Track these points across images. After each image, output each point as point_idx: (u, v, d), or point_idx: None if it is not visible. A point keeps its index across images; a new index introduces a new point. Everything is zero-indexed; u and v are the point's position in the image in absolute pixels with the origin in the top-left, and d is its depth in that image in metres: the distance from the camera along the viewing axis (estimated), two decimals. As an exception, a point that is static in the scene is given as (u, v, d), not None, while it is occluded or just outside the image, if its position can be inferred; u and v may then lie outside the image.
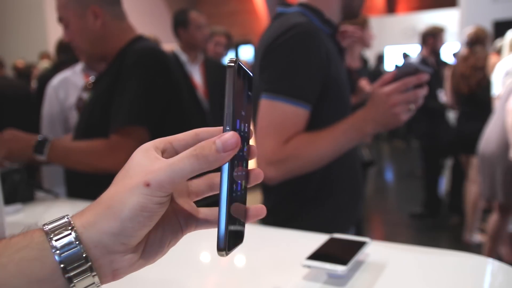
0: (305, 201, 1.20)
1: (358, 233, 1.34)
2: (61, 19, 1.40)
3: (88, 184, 1.30)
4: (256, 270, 0.82)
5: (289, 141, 1.05)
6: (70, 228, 0.35)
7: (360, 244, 0.77)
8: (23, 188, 1.31)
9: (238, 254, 0.92)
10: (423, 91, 0.99)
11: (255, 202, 0.52)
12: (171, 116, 1.34)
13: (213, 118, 2.29)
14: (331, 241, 0.81)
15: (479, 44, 3.29)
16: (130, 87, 1.28)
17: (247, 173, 0.40)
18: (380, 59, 8.58)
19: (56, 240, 0.34)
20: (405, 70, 0.99)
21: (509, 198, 2.60)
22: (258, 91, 1.14)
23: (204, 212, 0.43)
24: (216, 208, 0.43)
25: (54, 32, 6.31)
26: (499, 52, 3.24)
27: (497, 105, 2.76)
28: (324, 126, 1.10)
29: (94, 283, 0.35)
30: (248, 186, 0.40)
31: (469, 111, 3.39)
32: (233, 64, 0.37)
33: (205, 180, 0.44)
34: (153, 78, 1.31)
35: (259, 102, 1.11)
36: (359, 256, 0.74)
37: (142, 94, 1.29)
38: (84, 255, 0.34)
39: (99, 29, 1.36)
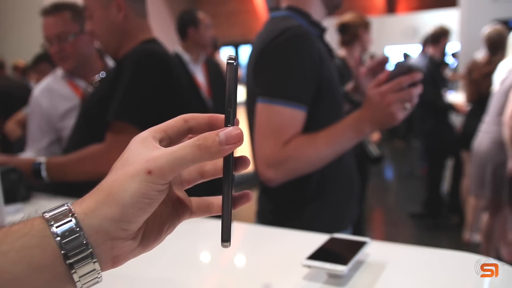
0: (304, 201, 1.21)
1: (357, 232, 1.34)
2: (85, 9, 1.43)
3: (85, 183, 1.31)
4: (256, 270, 0.82)
5: (288, 143, 1.06)
6: (70, 215, 0.35)
7: (360, 244, 0.77)
8: (20, 188, 1.31)
9: (238, 254, 0.92)
10: (418, 90, 1.00)
11: (254, 201, 0.52)
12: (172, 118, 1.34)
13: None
14: (331, 241, 0.81)
15: (500, 49, 3.16)
16: (125, 85, 1.29)
17: (235, 160, 0.41)
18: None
19: (56, 227, 0.34)
20: (399, 70, 1.01)
21: (496, 195, 2.63)
22: (252, 95, 1.15)
23: (196, 201, 0.44)
24: (206, 198, 0.44)
25: (54, 32, 6.25)
26: None
27: (492, 101, 2.76)
28: (318, 126, 1.11)
29: (94, 269, 0.36)
30: (236, 173, 0.41)
31: (478, 107, 3.36)
32: (233, 62, 0.37)
33: (197, 168, 0.44)
34: (151, 78, 1.32)
35: (255, 106, 1.12)
36: (359, 256, 0.74)
37: (136, 92, 1.29)
38: (84, 242, 0.34)
39: (120, 22, 1.39)
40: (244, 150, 0.43)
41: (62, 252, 0.34)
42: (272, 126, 1.07)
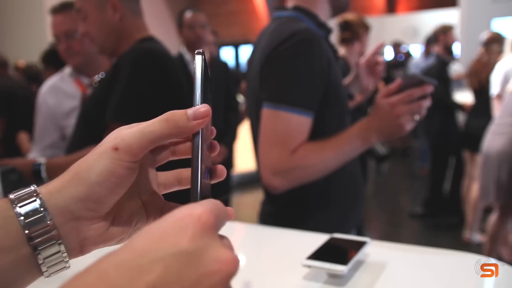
0: (308, 206, 1.20)
1: (357, 232, 1.34)
2: (78, 11, 1.41)
3: None
4: (256, 270, 0.82)
5: (296, 152, 1.05)
6: (35, 195, 0.34)
7: (360, 244, 0.77)
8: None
9: (238, 254, 0.92)
10: (427, 102, 1.00)
11: (255, 201, 0.52)
12: None
13: (213, 119, 2.29)
14: (331, 241, 0.81)
15: (496, 42, 3.31)
16: (122, 86, 1.28)
17: (211, 169, 0.41)
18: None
19: (20, 207, 0.34)
20: (410, 81, 1.00)
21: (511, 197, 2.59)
22: (257, 99, 1.14)
23: (171, 205, 0.43)
24: (183, 206, 0.42)
25: (54, 32, 6.27)
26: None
27: (505, 102, 2.72)
28: (325, 131, 1.10)
29: (59, 251, 0.35)
30: (212, 182, 0.40)
31: (479, 107, 3.39)
32: (201, 52, 0.38)
33: (174, 174, 0.44)
34: (147, 78, 1.31)
35: (259, 109, 1.10)
36: (359, 256, 0.74)
37: (133, 93, 1.28)
38: (49, 222, 0.34)
39: (117, 22, 1.38)
40: (246, 151, 0.42)
41: (26, 232, 0.33)
42: (278, 134, 1.06)
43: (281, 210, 1.22)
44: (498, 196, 2.62)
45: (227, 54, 10.59)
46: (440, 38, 3.91)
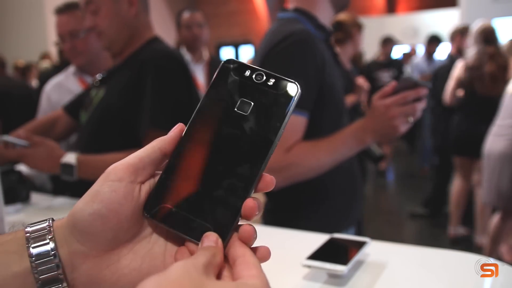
0: (305, 203, 1.21)
1: (358, 233, 1.34)
2: (89, 3, 1.35)
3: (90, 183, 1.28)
4: (256, 270, 0.82)
5: (291, 150, 1.06)
6: (50, 237, 0.35)
7: (360, 244, 0.77)
8: (20, 188, 1.31)
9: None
10: (422, 105, 1.01)
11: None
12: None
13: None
14: (331, 241, 0.81)
15: (490, 44, 3.01)
16: (153, 91, 1.26)
17: None
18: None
19: (33, 248, 0.35)
20: (405, 84, 1.01)
21: None
22: None
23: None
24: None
25: (54, 32, 6.29)
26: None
27: (505, 103, 2.66)
28: (320, 132, 1.11)
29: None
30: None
31: (478, 112, 3.17)
32: (298, 85, 0.39)
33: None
34: (177, 83, 1.31)
35: None
36: (359, 256, 0.74)
37: (168, 98, 1.28)
38: (56, 266, 0.35)
39: (131, 18, 1.36)
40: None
41: (34, 273, 0.34)
42: None
43: (279, 207, 1.23)
44: (499, 198, 2.61)
45: (227, 54, 10.59)
46: (456, 38, 3.86)
